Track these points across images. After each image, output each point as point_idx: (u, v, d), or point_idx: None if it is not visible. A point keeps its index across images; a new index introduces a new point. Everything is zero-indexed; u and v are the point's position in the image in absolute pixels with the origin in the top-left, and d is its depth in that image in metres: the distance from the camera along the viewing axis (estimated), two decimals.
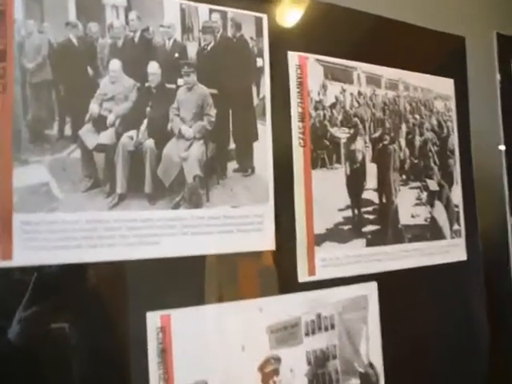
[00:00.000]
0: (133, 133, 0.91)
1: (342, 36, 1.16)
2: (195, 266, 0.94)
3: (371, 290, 1.14)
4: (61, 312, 0.84)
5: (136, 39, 0.92)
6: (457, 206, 1.32)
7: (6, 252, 0.80)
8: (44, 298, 0.82)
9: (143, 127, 0.91)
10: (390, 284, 1.15)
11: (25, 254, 0.80)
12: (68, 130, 0.86)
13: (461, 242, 1.32)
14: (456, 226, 1.31)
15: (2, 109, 0.82)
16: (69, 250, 0.83)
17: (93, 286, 0.86)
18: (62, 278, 0.83)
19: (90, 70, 0.88)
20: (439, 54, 1.33)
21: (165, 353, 0.89)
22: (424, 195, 1.25)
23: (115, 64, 0.90)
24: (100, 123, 0.88)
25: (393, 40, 1.24)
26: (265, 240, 1.01)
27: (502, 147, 1.44)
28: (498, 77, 1.45)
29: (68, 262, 0.83)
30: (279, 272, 1.03)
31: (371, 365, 1.12)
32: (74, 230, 0.84)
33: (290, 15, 1.09)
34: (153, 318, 0.89)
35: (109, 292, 0.87)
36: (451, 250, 1.30)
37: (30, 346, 0.81)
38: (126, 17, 0.92)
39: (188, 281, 0.94)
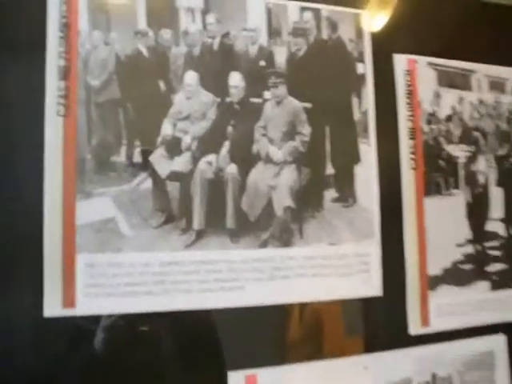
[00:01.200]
0: (212, 157, 0.80)
1: (458, 33, 0.97)
2: (286, 316, 0.83)
3: (498, 344, 0.94)
4: (128, 370, 0.73)
5: (215, 46, 0.83)
6: None
7: (69, 299, 0.71)
8: (109, 352, 0.73)
9: (224, 150, 0.81)
10: None
11: (89, 302, 0.72)
12: (137, 157, 0.77)
13: None
14: None
15: (65, 135, 0.73)
16: (138, 296, 0.74)
17: (165, 340, 0.76)
18: (131, 330, 0.74)
19: (162, 85, 0.79)
20: None
21: None
22: None
23: (191, 76, 0.80)
24: (174, 147, 0.79)
25: None
26: (370, 284, 0.86)
27: None
28: None
29: (137, 312, 0.73)
30: (387, 323, 0.88)
31: None
32: (145, 273, 0.74)
33: (395, 10, 0.93)
34: (236, 379, 0.77)
35: (184, 347, 0.77)
36: None
37: None
38: (203, 21, 0.83)
39: (277, 334, 0.81)
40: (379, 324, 0.88)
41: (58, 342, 0.72)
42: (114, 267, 0.73)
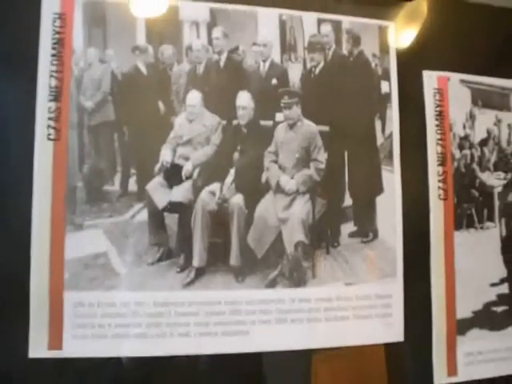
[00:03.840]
0: (216, 186, 0.69)
1: (494, 48, 0.83)
2: (296, 363, 0.72)
3: None
4: None
5: (221, 63, 0.72)
6: None
7: (56, 340, 0.62)
8: None
9: (229, 179, 0.70)
10: None
11: (77, 343, 0.62)
12: (132, 185, 0.68)
13: None
14: None
15: (55, 160, 0.63)
16: (130, 339, 0.63)
17: None
18: (121, 376, 0.64)
19: (161, 106, 0.69)
20: None
21: None
22: None
23: (194, 96, 0.70)
24: (173, 175, 0.70)
25: None
26: (391, 329, 0.74)
27: None
28: None
29: (129, 356, 0.64)
30: (409, 371, 0.75)
31: None
32: (138, 313, 0.64)
33: (424, 22, 0.79)
34: None
35: None
36: None
37: None
38: (209, 35, 0.72)
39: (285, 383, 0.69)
40: (401, 373, 0.74)
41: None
42: (104, 307, 0.64)
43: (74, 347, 0.62)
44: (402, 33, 0.79)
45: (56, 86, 0.64)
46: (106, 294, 0.64)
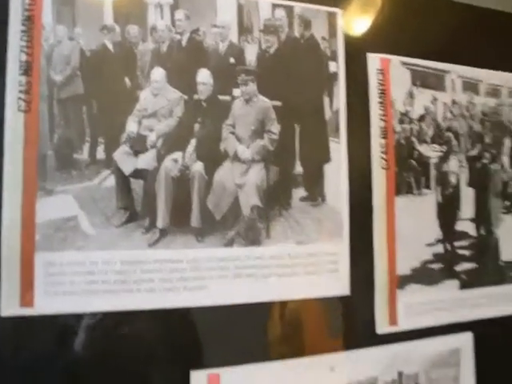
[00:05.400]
0: (178, 155, 0.70)
1: (432, 33, 0.85)
2: (251, 315, 0.72)
3: (465, 342, 0.85)
4: (87, 369, 0.64)
5: (183, 43, 0.72)
6: None
7: (27, 298, 0.62)
8: (70, 352, 0.63)
9: (191, 148, 0.71)
10: (489, 335, 0.86)
11: (48, 301, 0.63)
12: (101, 153, 0.68)
13: None
14: None
15: (26, 130, 0.64)
16: (99, 295, 0.65)
17: (127, 339, 0.66)
18: (92, 330, 0.64)
19: (127, 81, 0.69)
20: None
21: None
22: None
23: (158, 73, 0.70)
24: (139, 144, 0.69)
25: (494, 37, 0.91)
26: (338, 283, 0.77)
27: None
28: None
29: (98, 311, 0.65)
30: (354, 322, 0.78)
31: None
32: (106, 272, 0.65)
33: (368, 9, 0.83)
34: (198, 378, 0.67)
35: (146, 346, 0.67)
36: None
37: None
38: (172, 16, 0.72)
39: (241, 333, 0.71)
40: (346, 323, 0.77)
41: (15, 341, 0.62)
42: (74, 266, 0.64)
43: (46, 304, 0.63)
44: (349, 19, 0.81)
45: (26, 60, 0.63)
46: (75, 254, 0.64)
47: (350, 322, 0.78)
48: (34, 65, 0.64)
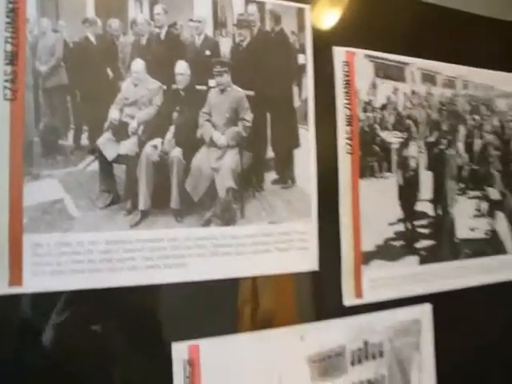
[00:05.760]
0: (158, 141, 0.73)
1: (393, 28, 0.92)
2: (227, 290, 0.77)
3: (425, 313, 0.92)
4: (75, 344, 0.68)
5: (162, 36, 0.75)
6: None
7: (16, 277, 0.65)
8: (58, 327, 0.66)
9: (169, 135, 0.74)
10: (446, 306, 0.93)
11: (36, 280, 0.65)
12: (84, 140, 0.70)
13: None
14: None
15: (12, 118, 0.66)
16: (85, 274, 0.68)
17: (112, 314, 0.70)
18: (78, 306, 0.67)
19: (109, 72, 0.72)
20: (502, 46, 1.06)
21: None
22: (484, 205, 1.01)
23: (138, 64, 0.73)
24: (121, 131, 0.72)
25: (450, 33, 0.98)
26: (307, 260, 0.82)
27: None
28: None
29: (84, 288, 0.67)
30: (322, 295, 0.84)
31: None
32: (91, 251, 0.68)
33: (335, 6, 0.88)
34: (179, 349, 0.72)
35: (130, 320, 0.71)
36: None
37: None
38: (151, 11, 0.75)
39: (219, 307, 0.76)
40: (316, 296, 0.83)
41: (4, 318, 0.65)
42: (61, 246, 0.67)
43: (34, 283, 0.65)
44: (317, 14, 0.86)
45: (11, 51, 0.66)
46: (62, 236, 0.66)
47: (319, 295, 0.84)
48: (20, 55, 0.67)
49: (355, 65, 0.89)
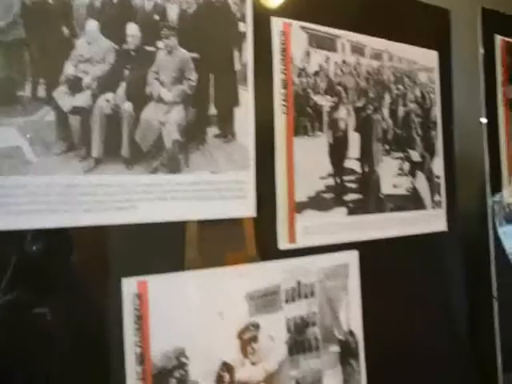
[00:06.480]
0: (110, 95, 0.80)
1: (327, 3, 1.03)
2: (173, 232, 0.84)
3: (352, 258, 1.03)
4: (34, 278, 0.74)
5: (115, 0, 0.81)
6: (438, 177, 1.20)
7: None
8: (15, 263, 0.72)
9: (121, 90, 0.80)
10: (371, 253, 1.05)
11: None
12: (41, 92, 0.75)
13: (441, 212, 1.21)
14: (437, 197, 1.20)
15: None
16: (42, 214, 0.74)
17: (67, 252, 0.77)
18: (36, 244, 0.74)
19: (65, 30, 0.77)
20: (424, 25, 1.20)
21: (141, 320, 0.79)
22: (406, 166, 1.14)
23: (92, 24, 0.79)
24: (75, 85, 0.77)
25: (378, 10, 1.11)
26: (245, 206, 0.91)
27: (484, 120, 1.32)
28: (482, 50, 1.32)
29: (41, 227, 0.74)
30: (259, 239, 0.92)
31: (351, 332, 1.02)
32: (48, 193, 0.74)
33: None
34: (129, 285, 0.79)
35: (84, 258, 0.78)
36: (432, 220, 1.19)
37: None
38: None
39: (166, 247, 0.84)
40: (253, 240, 0.92)
41: None
42: (19, 189, 0.72)
43: None
44: None
45: None
46: (21, 179, 0.72)
47: (257, 239, 0.92)
48: None
49: (291, 35, 0.98)
